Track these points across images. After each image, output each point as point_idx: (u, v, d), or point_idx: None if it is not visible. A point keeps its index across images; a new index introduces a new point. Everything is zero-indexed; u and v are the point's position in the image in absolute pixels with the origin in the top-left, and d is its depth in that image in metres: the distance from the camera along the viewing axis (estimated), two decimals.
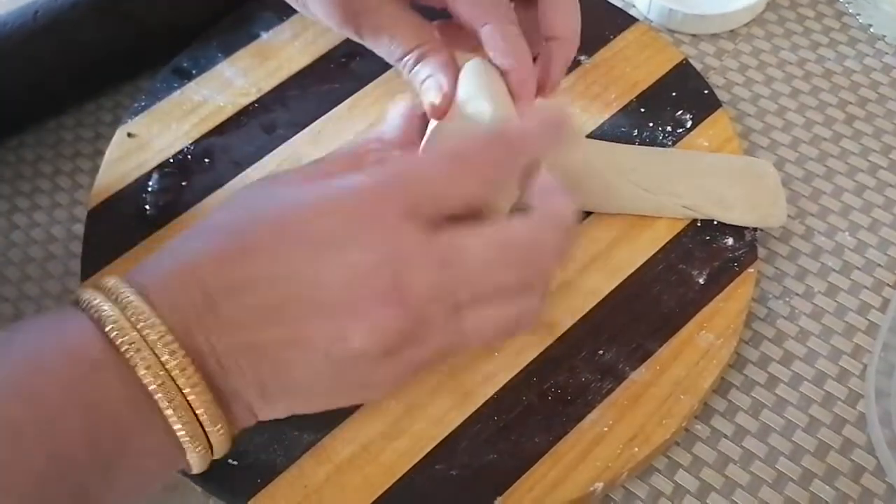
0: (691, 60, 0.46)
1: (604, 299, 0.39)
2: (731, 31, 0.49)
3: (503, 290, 0.31)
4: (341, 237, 0.30)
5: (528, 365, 0.38)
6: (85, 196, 0.46)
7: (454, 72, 0.37)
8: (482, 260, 0.31)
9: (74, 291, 0.43)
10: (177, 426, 0.28)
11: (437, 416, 0.37)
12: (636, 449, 0.36)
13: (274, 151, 0.44)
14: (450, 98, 0.36)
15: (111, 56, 0.48)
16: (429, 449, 0.36)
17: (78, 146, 0.48)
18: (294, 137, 0.45)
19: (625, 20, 0.47)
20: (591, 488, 0.35)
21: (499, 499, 0.35)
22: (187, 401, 0.28)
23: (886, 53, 0.48)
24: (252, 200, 0.32)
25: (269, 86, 0.46)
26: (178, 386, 0.28)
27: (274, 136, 0.45)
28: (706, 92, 0.45)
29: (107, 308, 0.28)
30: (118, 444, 0.28)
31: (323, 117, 0.45)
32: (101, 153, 0.46)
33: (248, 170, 0.44)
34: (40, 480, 0.26)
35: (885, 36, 0.49)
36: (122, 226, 0.42)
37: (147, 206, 0.43)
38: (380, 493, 0.35)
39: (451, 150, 0.32)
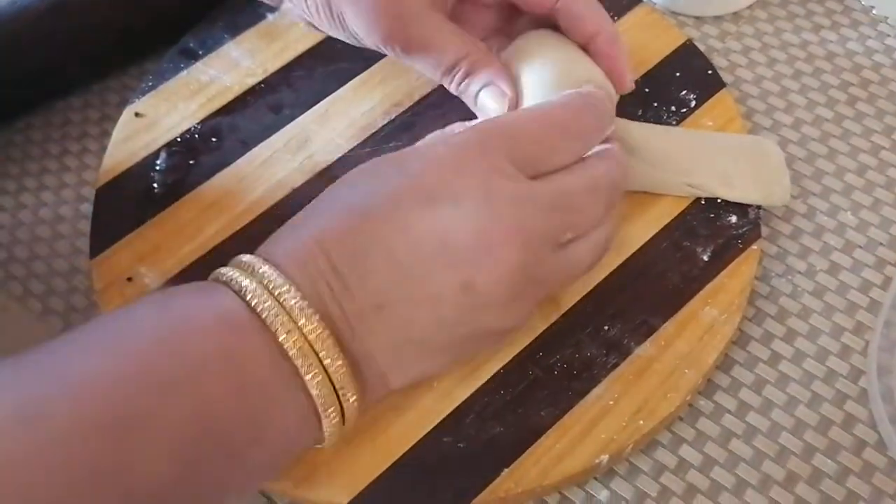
0: (695, 42, 0.47)
1: (609, 276, 0.39)
2: (735, 13, 0.50)
3: (597, 221, 0.34)
4: (454, 189, 0.31)
5: (534, 340, 0.38)
6: (92, 176, 0.46)
7: (510, 78, 0.38)
8: (583, 198, 0.34)
9: (83, 269, 0.43)
10: (314, 390, 0.30)
11: (445, 390, 0.37)
12: (641, 422, 0.36)
13: (281, 131, 0.45)
14: (514, 104, 0.37)
15: (118, 37, 0.48)
16: (436, 422, 0.36)
17: (85, 127, 0.49)
18: (300, 117, 0.45)
19: (629, 1, 0.48)
20: (597, 461, 0.35)
21: (506, 471, 0.35)
22: (323, 365, 0.30)
23: (889, 35, 0.49)
24: (364, 176, 0.34)
25: (276, 66, 0.47)
26: (314, 350, 0.29)
27: (281, 115, 0.45)
28: (710, 72, 0.45)
29: (245, 280, 0.30)
30: (263, 404, 0.29)
31: (329, 97, 0.45)
32: (108, 134, 0.46)
33: (255, 149, 0.44)
34: (189, 434, 0.27)
35: (887, 18, 0.49)
36: (130, 204, 0.43)
37: (155, 185, 0.43)
38: (388, 464, 0.35)
39: (551, 115, 0.34)
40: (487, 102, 0.38)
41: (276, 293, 0.30)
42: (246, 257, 0.31)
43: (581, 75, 0.37)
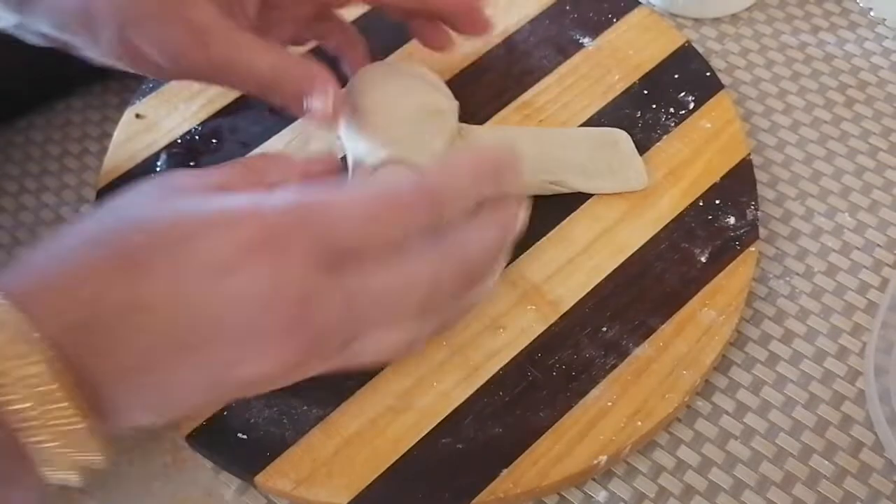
0: (693, 44, 0.47)
1: (607, 277, 0.40)
2: (733, 15, 0.50)
3: (401, 322, 0.31)
4: (246, 266, 0.28)
5: (532, 341, 0.38)
6: (93, 178, 0.47)
7: (330, 76, 0.36)
8: (385, 301, 0.30)
9: None
10: (45, 445, 0.27)
11: (444, 391, 0.37)
12: (639, 423, 0.36)
13: (281, 132, 0.45)
14: (339, 103, 0.36)
15: None
16: (435, 423, 0.36)
17: (85, 128, 0.49)
18: (299, 120, 0.45)
19: (628, 3, 0.48)
20: (595, 461, 0.35)
21: (504, 471, 0.35)
22: (56, 424, 0.26)
23: (886, 37, 0.49)
24: (145, 208, 0.30)
25: None
26: (51, 411, 0.26)
27: (281, 117, 0.45)
28: (708, 74, 0.45)
29: None
30: None
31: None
32: (108, 135, 0.46)
33: (256, 150, 0.44)
34: None
35: (885, 20, 0.49)
36: None
37: None
38: (387, 465, 0.35)
39: (373, 208, 0.30)
40: (315, 107, 0.35)
41: (12, 353, 0.26)
42: None
43: (426, 103, 0.37)
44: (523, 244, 0.40)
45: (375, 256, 0.30)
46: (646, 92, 0.45)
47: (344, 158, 0.40)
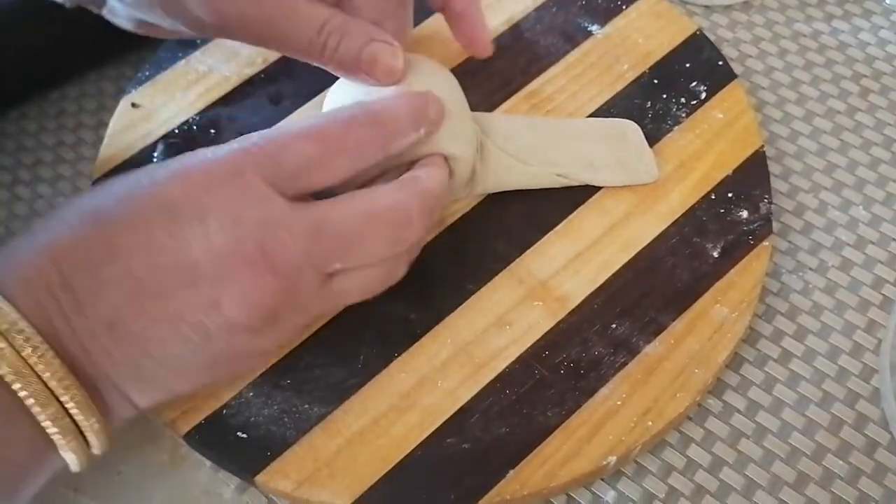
0: (705, 32, 0.46)
1: (617, 272, 0.39)
2: (745, 2, 0.48)
3: (373, 256, 0.32)
4: (201, 205, 0.29)
5: (540, 338, 0.37)
6: (88, 168, 0.46)
7: (387, 32, 0.35)
8: (350, 231, 0.31)
9: None
10: (44, 421, 0.27)
11: (449, 389, 0.36)
12: (650, 423, 0.35)
13: (280, 123, 0.43)
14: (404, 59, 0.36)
15: (114, 25, 0.47)
16: (440, 423, 0.35)
17: (81, 117, 0.48)
18: (301, 108, 0.44)
19: None
20: (604, 462, 0.35)
21: (511, 472, 0.34)
22: (52, 391, 0.27)
23: None
24: (106, 185, 0.31)
25: (276, 55, 0.46)
26: (40, 377, 0.27)
27: (280, 107, 0.44)
28: (720, 63, 0.44)
29: None
30: None
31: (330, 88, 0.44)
32: (104, 124, 0.45)
33: None
34: None
35: None
36: None
37: None
38: (391, 466, 0.35)
39: (316, 128, 0.32)
40: (383, 64, 0.35)
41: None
42: None
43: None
44: (530, 239, 0.40)
45: (329, 181, 0.31)
46: (656, 81, 0.44)
47: None
